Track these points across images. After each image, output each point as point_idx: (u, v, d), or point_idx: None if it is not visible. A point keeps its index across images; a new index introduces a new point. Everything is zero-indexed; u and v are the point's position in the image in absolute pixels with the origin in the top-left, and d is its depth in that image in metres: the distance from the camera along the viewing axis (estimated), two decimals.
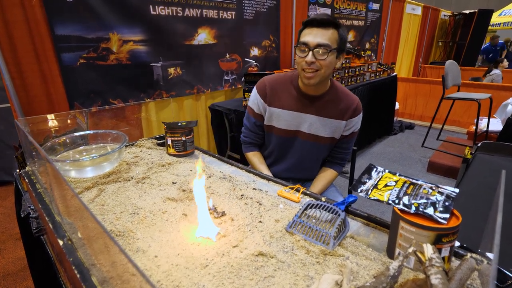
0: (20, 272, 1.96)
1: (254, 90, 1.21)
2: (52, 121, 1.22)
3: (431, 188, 0.61)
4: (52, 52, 1.74)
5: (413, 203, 0.57)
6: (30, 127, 1.30)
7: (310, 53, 0.99)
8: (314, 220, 0.71)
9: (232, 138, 2.43)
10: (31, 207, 1.12)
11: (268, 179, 0.96)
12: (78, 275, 0.52)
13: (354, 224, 0.73)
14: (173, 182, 0.89)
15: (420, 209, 0.56)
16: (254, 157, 1.26)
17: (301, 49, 1.01)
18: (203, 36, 2.29)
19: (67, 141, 1.07)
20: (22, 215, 1.19)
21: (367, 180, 0.68)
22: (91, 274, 0.53)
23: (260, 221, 0.72)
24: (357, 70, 3.16)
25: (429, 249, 0.47)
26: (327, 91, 1.13)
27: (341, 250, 0.63)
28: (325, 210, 0.73)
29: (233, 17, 2.44)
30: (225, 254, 0.61)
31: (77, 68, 1.83)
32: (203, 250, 0.62)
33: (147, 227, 0.69)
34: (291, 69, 3.01)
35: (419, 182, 0.64)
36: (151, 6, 1.98)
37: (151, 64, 2.11)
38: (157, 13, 2.02)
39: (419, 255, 0.47)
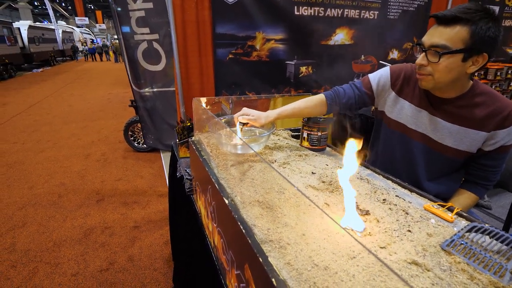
0: (159, 222, 2.45)
1: (388, 68, 1.10)
2: (207, 103, 1.46)
3: None
4: (210, 48, 2.08)
5: None
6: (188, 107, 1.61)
7: (423, 54, 0.88)
8: (478, 246, 0.61)
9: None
10: (187, 170, 1.38)
11: (411, 190, 0.88)
12: (243, 230, 0.61)
13: None
14: (312, 172, 0.93)
15: None
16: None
17: (417, 50, 0.91)
18: (340, 37, 2.28)
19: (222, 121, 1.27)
20: (178, 176, 1.49)
21: None
22: (254, 233, 0.61)
23: (408, 230, 0.67)
24: None
25: None
26: (463, 95, 0.94)
27: None
28: (495, 238, 0.62)
29: (375, 17, 2.32)
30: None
31: (226, 62, 2.12)
32: (348, 241, 0.62)
33: (292, 206, 0.75)
34: None
35: None
36: (295, 7, 2.10)
37: (286, 62, 2.25)
38: (300, 13, 2.12)
39: None
